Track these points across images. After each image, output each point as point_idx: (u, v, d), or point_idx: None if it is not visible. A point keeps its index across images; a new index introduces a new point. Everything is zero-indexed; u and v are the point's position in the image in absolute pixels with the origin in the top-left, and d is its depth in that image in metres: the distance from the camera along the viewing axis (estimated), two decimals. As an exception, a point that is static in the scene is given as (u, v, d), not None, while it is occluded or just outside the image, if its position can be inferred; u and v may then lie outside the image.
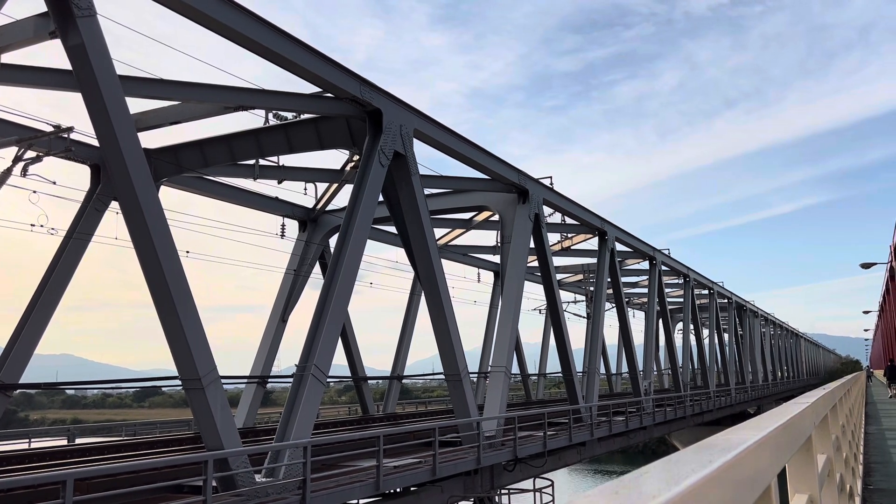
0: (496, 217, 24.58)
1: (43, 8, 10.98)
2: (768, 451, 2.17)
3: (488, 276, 37.61)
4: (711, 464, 1.47)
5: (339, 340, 16.95)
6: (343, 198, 25.04)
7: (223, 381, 12.25)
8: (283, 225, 24.63)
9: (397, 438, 16.32)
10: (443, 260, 18.45)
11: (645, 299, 42.84)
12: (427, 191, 19.57)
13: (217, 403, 11.44)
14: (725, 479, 1.50)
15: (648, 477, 1.34)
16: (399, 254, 27.15)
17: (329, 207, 25.23)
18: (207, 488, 10.21)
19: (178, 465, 11.17)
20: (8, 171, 12.62)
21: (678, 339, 47.22)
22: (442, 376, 18.67)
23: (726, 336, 54.57)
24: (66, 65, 11.18)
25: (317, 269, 25.78)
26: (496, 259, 34.84)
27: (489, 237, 32.71)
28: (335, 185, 24.06)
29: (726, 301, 54.26)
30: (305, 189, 22.99)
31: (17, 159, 12.92)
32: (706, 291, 49.43)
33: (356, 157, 20.57)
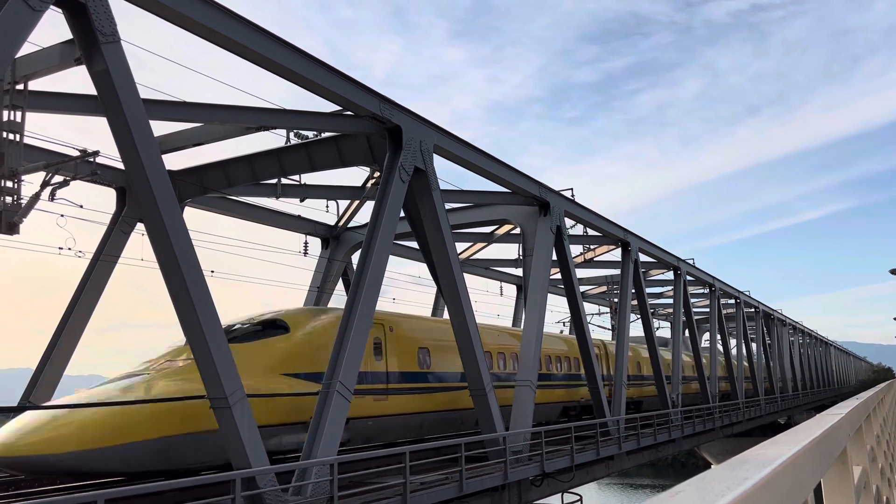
0: (518, 230, 24.52)
1: (68, 35, 11.19)
2: (804, 465, 2.13)
3: (511, 290, 37.51)
4: (747, 481, 1.44)
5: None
6: (365, 214, 25.17)
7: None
8: (305, 242, 24.80)
9: (423, 454, 16.25)
10: (465, 274, 18.42)
11: (670, 310, 42.44)
12: (448, 205, 19.58)
13: (244, 422, 11.48)
14: (761, 497, 1.47)
15: (683, 497, 1.31)
16: (421, 269, 27.12)
17: (351, 224, 25.34)
18: (235, 507, 10.24)
19: (207, 484, 11.21)
20: (36, 196, 12.81)
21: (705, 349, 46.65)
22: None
23: (754, 346, 53.87)
24: (91, 90, 11.37)
25: (340, 285, 25.87)
26: (518, 272, 34.73)
27: (511, 250, 32.65)
28: (357, 202, 24.17)
29: (753, 310, 53.58)
30: (327, 206, 23.13)
31: (44, 184, 13.11)
32: (733, 301, 48.86)
33: (377, 174, 20.65)
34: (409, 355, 19.43)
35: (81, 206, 15.39)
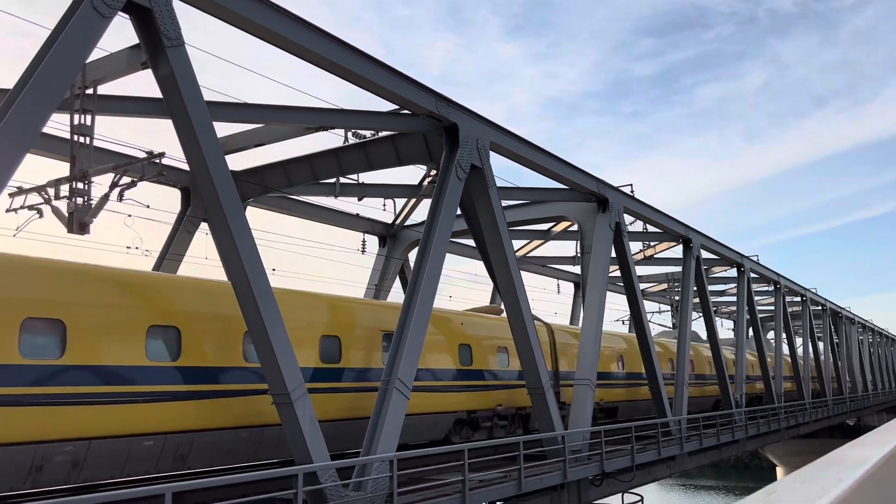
0: (575, 227, 24.27)
1: (135, 40, 11.52)
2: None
3: (568, 287, 37.18)
4: (841, 483, 1.38)
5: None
6: (422, 212, 25.31)
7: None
8: (363, 241, 25.07)
9: (482, 452, 16.22)
10: (522, 272, 18.30)
11: (733, 308, 41.41)
12: (504, 202, 19.50)
13: (306, 417, 11.64)
14: (857, 499, 1.40)
15: (777, 497, 1.25)
16: (478, 266, 27.14)
17: (408, 222, 25.49)
18: (298, 502, 10.40)
19: (270, 478, 11.41)
20: (105, 197, 13.22)
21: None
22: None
23: (821, 345, 52.21)
24: (157, 93, 11.67)
25: (397, 283, 26.04)
26: (576, 270, 34.40)
27: (568, 248, 32.39)
28: (414, 200, 24.29)
29: (820, 308, 51.93)
30: (385, 205, 23.32)
31: (113, 185, 13.52)
32: (798, 299, 47.43)
33: (434, 172, 20.70)
34: None
35: (148, 207, 15.84)
